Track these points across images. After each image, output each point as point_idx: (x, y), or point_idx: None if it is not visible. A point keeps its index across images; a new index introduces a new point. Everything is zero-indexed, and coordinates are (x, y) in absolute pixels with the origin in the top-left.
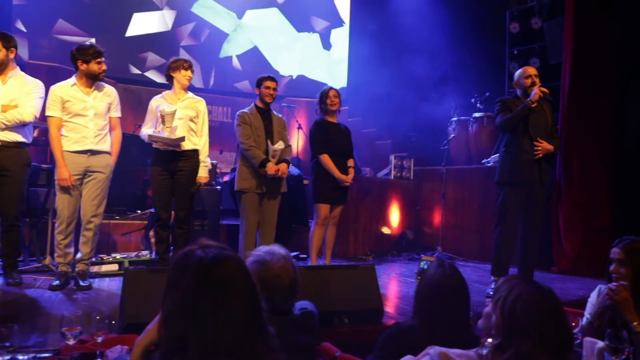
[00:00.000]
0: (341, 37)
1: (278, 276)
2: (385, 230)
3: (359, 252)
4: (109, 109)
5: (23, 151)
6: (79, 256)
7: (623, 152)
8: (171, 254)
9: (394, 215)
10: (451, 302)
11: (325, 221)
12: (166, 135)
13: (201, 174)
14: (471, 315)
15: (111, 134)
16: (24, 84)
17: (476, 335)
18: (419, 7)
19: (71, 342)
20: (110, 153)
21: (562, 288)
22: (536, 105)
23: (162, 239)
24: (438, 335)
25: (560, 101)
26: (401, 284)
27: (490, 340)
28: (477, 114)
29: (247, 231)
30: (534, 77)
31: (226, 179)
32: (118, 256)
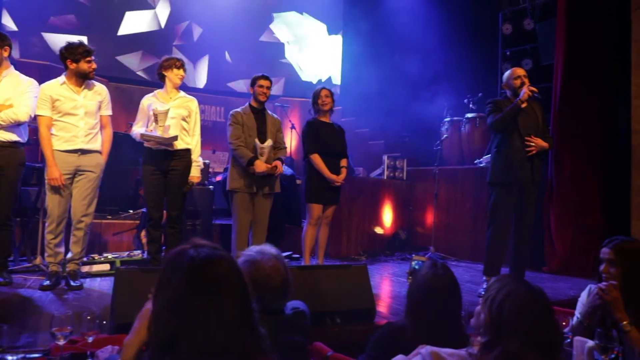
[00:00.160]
0: (336, 37)
1: (269, 276)
2: (378, 230)
3: (352, 252)
4: (99, 107)
5: (18, 151)
6: (69, 256)
7: (614, 153)
8: (163, 254)
9: (387, 215)
10: (443, 302)
11: (318, 221)
12: (159, 134)
13: (193, 173)
14: (463, 315)
15: (102, 133)
16: (18, 83)
17: (468, 334)
18: (412, 8)
19: (61, 342)
20: (101, 152)
21: (553, 288)
22: (526, 105)
23: (153, 238)
24: (430, 334)
25: (552, 102)
26: (394, 283)
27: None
28: (469, 115)
29: (238, 231)
30: (523, 78)
31: (219, 178)
32: (110, 256)
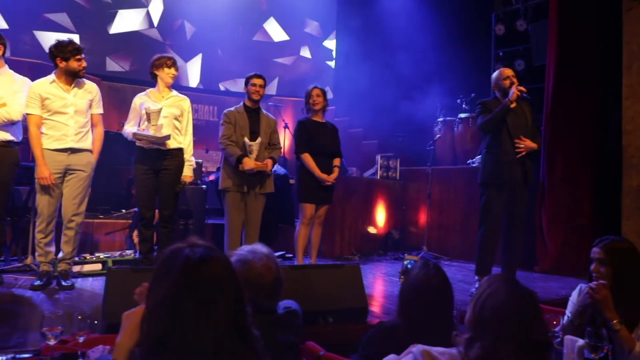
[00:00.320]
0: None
1: (260, 275)
2: (372, 230)
3: (345, 252)
4: (90, 105)
5: (12, 150)
6: (60, 255)
7: (605, 153)
8: (155, 254)
9: (380, 215)
10: (435, 302)
11: (311, 221)
12: (152, 133)
13: (186, 172)
14: (455, 314)
15: (93, 131)
16: (12, 82)
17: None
18: (406, 9)
19: (52, 342)
20: (92, 151)
21: (544, 287)
22: (515, 106)
23: (145, 238)
24: (421, 334)
25: (544, 103)
26: (387, 283)
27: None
28: (462, 115)
29: (230, 230)
30: (512, 78)
31: (212, 178)
32: (101, 255)
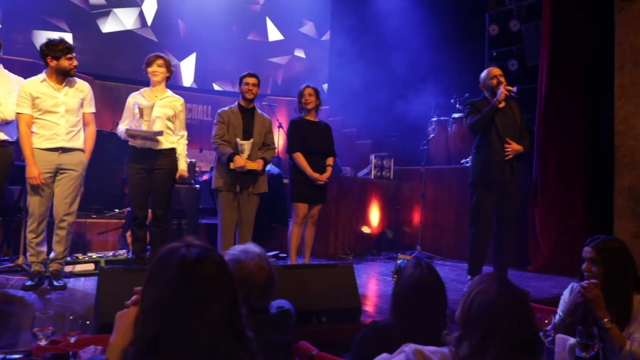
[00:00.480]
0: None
1: (253, 274)
2: (365, 229)
3: (339, 251)
4: (81, 104)
5: (5, 150)
6: (52, 255)
7: (598, 153)
8: (148, 254)
9: (374, 215)
10: (427, 301)
11: (303, 220)
12: (144, 129)
13: (182, 166)
14: (448, 314)
15: (85, 131)
16: (6, 81)
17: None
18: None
19: (43, 342)
20: (84, 150)
21: (537, 286)
22: (504, 105)
23: (138, 238)
24: (414, 333)
25: (537, 103)
26: (380, 282)
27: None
28: (456, 115)
29: (223, 230)
30: (499, 77)
31: (205, 177)
32: (94, 255)
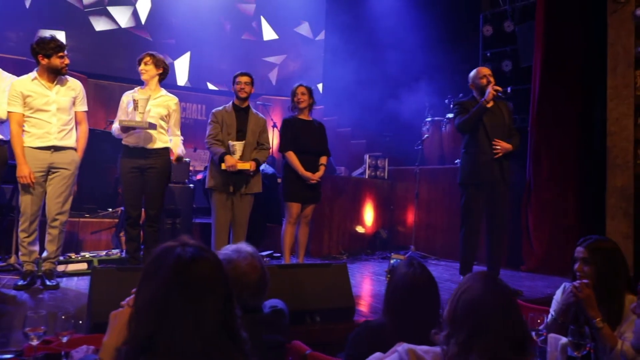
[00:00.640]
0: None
1: (245, 274)
2: (360, 229)
3: (333, 251)
4: (73, 103)
5: (0, 149)
6: (45, 255)
7: (591, 154)
8: (142, 253)
9: (368, 215)
10: (420, 301)
11: (297, 220)
12: (138, 120)
13: (176, 150)
14: (441, 313)
15: (77, 129)
16: (0, 80)
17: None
18: (395, 10)
19: (35, 342)
20: (76, 149)
21: (530, 286)
22: (492, 105)
23: (132, 237)
24: (407, 332)
25: (531, 103)
26: (374, 282)
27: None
28: (450, 115)
29: (217, 229)
30: (489, 77)
31: (199, 177)
32: (87, 255)
